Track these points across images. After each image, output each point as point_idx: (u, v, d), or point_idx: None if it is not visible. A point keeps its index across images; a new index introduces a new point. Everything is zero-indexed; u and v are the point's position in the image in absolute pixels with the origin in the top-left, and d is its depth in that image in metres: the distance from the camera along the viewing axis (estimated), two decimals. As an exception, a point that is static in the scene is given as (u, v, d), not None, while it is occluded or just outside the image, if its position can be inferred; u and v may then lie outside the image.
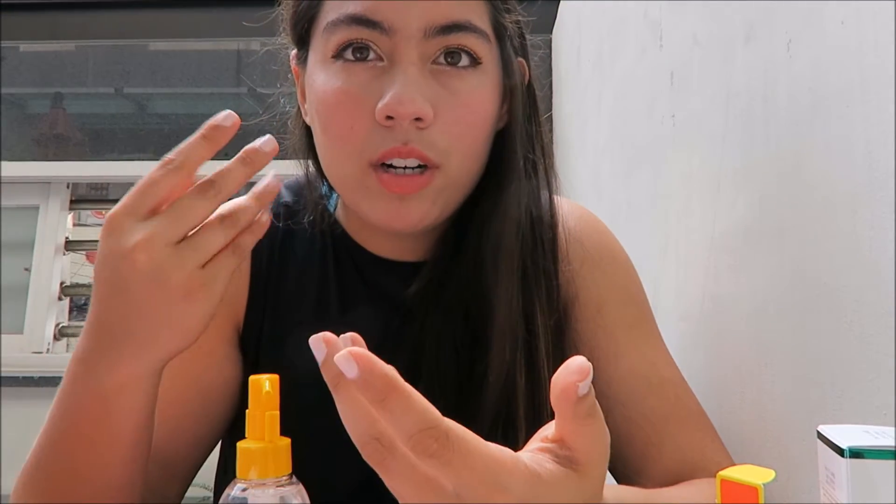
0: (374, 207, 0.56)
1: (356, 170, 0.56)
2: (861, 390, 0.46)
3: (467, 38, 0.55)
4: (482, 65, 0.56)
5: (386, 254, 0.64)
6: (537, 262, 0.60)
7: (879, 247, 0.44)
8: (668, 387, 0.61)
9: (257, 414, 0.37)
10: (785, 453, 0.57)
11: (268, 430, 0.37)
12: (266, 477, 0.37)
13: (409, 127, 0.54)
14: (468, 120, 0.56)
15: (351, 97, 0.55)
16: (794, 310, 0.56)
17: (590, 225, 0.67)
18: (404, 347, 0.60)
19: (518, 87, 0.60)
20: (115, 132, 2.60)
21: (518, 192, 0.59)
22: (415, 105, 0.53)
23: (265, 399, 0.38)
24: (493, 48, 0.58)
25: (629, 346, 0.62)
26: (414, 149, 0.54)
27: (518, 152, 0.59)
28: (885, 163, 0.44)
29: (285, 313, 0.63)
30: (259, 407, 0.37)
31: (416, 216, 0.56)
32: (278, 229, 0.64)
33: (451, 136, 0.55)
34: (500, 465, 0.33)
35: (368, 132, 0.54)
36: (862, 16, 0.47)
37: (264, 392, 0.38)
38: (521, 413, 0.56)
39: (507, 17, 0.59)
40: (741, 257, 0.67)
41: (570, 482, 0.35)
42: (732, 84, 0.70)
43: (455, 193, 0.58)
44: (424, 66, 0.55)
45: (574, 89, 1.86)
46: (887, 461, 0.29)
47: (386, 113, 0.53)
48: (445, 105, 0.55)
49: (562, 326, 0.62)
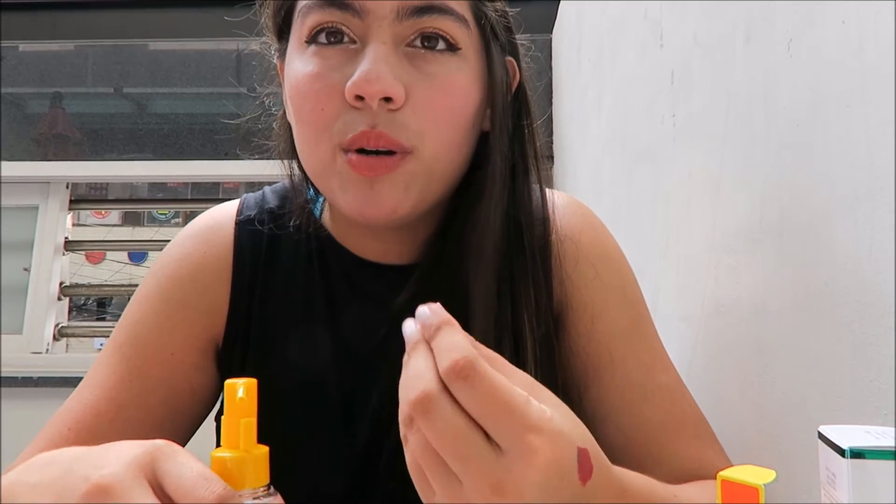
0: (346, 194, 0.54)
1: (327, 154, 0.54)
2: (861, 390, 0.46)
3: (443, 20, 0.53)
4: (461, 51, 0.55)
5: (373, 257, 0.63)
6: (526, 273, 0.58)
7: (879, 247, 0.44)
8: (664, 393, 0.59)
9: (232, 421, 0.36)
10: (785, 453, 0.57)
11: (243, 437, 0.35)
12: (241, 488, 0.35)
13: (380, 109, 0.52)
14: (444, 103, 0.54)
15: (321, 79, 0.53)
16: (794, 310, 0.56)
17: (585, 221, 0.65)
18: (393, 352, 0.60)
19: (500, 84, 0.58)
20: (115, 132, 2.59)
21: (497, 198, 0.57)
22: (382, 83, 0.51)
23: (240, 405, 0.36)
24: (474, 36, 0.56)
25: (625, 354, 0.60)
26: (383, 133, 0.52)
27: (497, 152, 0.57)
28: (885, 163, 0.44)
29: (272, 320, 0.62)
30: (234, 413, 0.36)
31: (389, 203, 0.54)
32: (263, 235, 0.64)
33: (424, 119, 0.53)
34: (519, 401, 0.35)
35: (339, 114, 0.53)
36: (862, 16, 0.47)
37: (238, 398, 0.36)
38: None
39: (490, 5, 0.57)
40: (741, 257, 0.67)
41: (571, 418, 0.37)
42: (732, 84, 0.70)
43: (430, 183, 0.55)
44: (398, 48, 0.53)
45: (574, 89, 1.86)
46: (888, 461, 0.29)
47: (354, 91, 0.51)
48: (419, 87, 0.53)
49: (554, 336, 0.61)
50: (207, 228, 0.65)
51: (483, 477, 0.34)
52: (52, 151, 2.54)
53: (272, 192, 0.68)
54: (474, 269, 0.56)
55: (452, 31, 0.54)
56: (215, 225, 0.65)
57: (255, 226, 0.64)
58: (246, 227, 0.64)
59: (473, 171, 0.59)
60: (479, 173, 0.58)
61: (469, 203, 0.58)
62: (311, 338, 0.61)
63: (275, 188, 0.68)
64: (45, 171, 2.37)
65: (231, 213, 0.66)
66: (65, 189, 2.36)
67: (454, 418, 0.35)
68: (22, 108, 2.63)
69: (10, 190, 2.32)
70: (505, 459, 0.34)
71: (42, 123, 2.56)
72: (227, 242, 0.64)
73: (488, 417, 0.35)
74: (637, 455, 0.58)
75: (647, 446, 0.58)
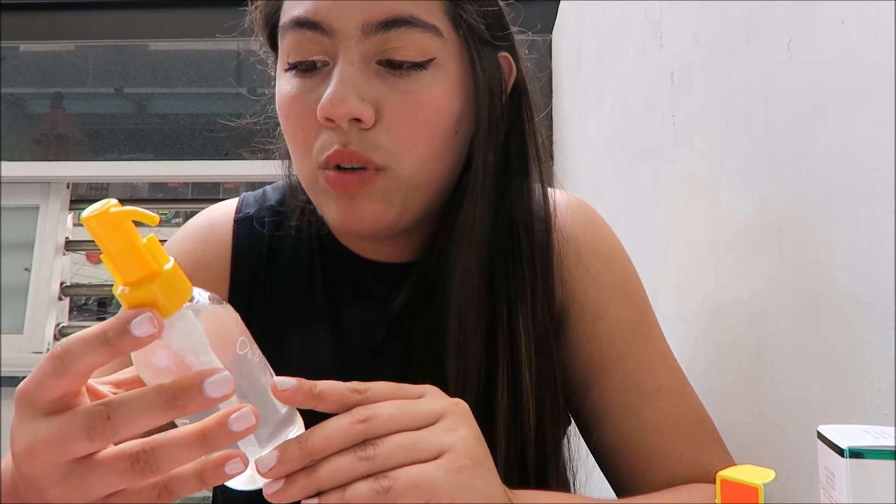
0: (329, 208, 0.56)
1: (309, 172, 0.56)
2: (861, 390, 0.46)
3: (410, 33, 0.52)
4: (435, 61, 0.53)
5: (373, 256, 0.62)
6: (522, 276, 0.58)
7: (879, 247, 0.44)
8: (663, 394, 0.59)
9: (124, 248, 0.32)
10: (785, 453, 0.57)
11: (156, 253, 0.32)
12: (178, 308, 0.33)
13: (351, 128, 0.52)
14: (419, 119, 0.53)
15: (299, 102, 0.54)
16: (794, 310, 0.56)
17: (587, 219, 0.64)
18: (393, 350, 0.60)
19: (484, 87, 0.56)
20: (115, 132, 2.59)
21: (480, 199, 0.57)
22: (347, 105, 0.51)
23: (121, 231, 0.32)
24: (451, 41, 0.55)
25: (626, 354, 0.60)
26: (354, 152, 0.52)
27: (479, 160, 0.57)
28: (885, 163, 0.44)
29: (273, 317, 0.62)
30: (123, 240, 0.32)
31: (370, 216, 0.54)
32: (264, 233, 0.64)
33: (399, 137, 0.53)
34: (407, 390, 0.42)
35: (317, 134, 0.54)
36: (862, 16, 0.47)
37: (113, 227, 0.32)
38: (501, 432, 0.54)
39: (471, 7, 0.55)
40: (741, 257, 0.67)
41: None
42: (732, 84, 0.70)
43: (414, 195, 0.55)
44: (367, 66, 0.53)
45: (574, 89, 1.86)
46: (887, 461, 0.29)
47: (322, 115, 0.52)
48: (392, 104, 0.53)
49: (556, 335, 0.60)
50: (205, 226, 0.65)
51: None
52: (52, 151, 2.54)
53: (273, 189, 0.68)
54: (457, 270, 0.56)
55: (422, 43, 0.53)
56: (214, 223, 0.65)
57: (254, 224, 0.64)
58: (245, 225, 0.64)
59: (466, 171, 0.59)
60: (464, 177, 0.58)
61: (455, 205, 0.58)
62: (311, 336, 0.61)
63: (276, 186, 0.68)
64: (46, 172, 2.37)
65: (230, 212, 0.66)
66: (65, 189, 2.36)
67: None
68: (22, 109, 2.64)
69: (11, 190, 2.32)
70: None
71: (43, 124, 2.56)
72: (226, 240, 0.64)
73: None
74: (632, 457, 0.58)
75: (642, 449, 0.57)
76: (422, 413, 0.41)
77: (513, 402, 0.56)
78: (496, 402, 0.55)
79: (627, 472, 0.58)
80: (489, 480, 0.41)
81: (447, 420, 0.41)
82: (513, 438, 0.55)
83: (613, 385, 0.59)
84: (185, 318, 0.35)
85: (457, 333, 0.55)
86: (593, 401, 0.60)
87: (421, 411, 0.41)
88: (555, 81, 2.19)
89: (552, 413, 0.58)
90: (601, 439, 0.59)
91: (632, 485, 0.58)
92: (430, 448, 0.39)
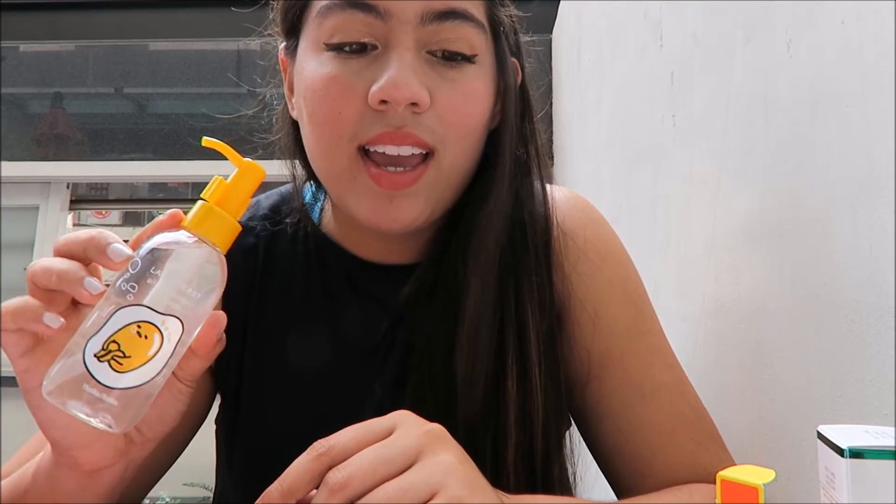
0: (361, 205, 0.55)
1: (344, 159, 0.54)
2: (861, 390, 0.46)
3: (464, 26, 0.54)
4: (478, 57, 0.55)
5: (375, 257, 0.62)
6: (529, 269, 0.58)
7: (879, 247, 0.44)
8: (662, 393, 0.58)
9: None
10: (785, 453, 0.57)
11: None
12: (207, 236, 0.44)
13: (405, 112, 0.52)
14: (465, 109, 0.55)
15: (340, 83, 0.53)
16: (794, 310, 0.56)
17: (585, 216, 0.64)
18: (395, 350, 0.60)
19: (511, 87, 0.59)
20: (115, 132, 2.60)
21: (504, 194, 0.58)
22: (410, 89, 0.51)
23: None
24: (489, 42, 0.57)
25: (625, 352, 0.59)
26: (410, 133, 0.52)
27: (507, 153, 0.58)
28: (885, 163, 0.44)
29: (271, 323, 0.62)
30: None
31: (408, 217, 0.54)
32: (259, 241, 0.63)
33: (446, 123, 0.54)
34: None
35: (359, 117, 0.53)
36: (862, 16, 0.47)
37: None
38: (511, 420, 0.54)
39: (503, 10, 0.58)
40: (741, 257, 0.67)
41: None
42: (732, 84, 0.70)
43: (446, 190, 0.56)
44: (420, 53, 0.53)
45: (574, 89, 1.86)
46: (887, 461, 0.29)
47: (380, 97, 0.51)
48: (442, 92, 0.53)
49: (555, 331, 0.60)
50: None
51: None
52: (52, 152, 2.54)
53: (266, 198, 0.67)
54: (475, 267, 0.56)
55: (472, 37, 0.54)
56: None
57: (246, 234, 0.63)
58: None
59: (479, 172, 0.59)
60: (485, 174, 0.59)
61: (475, 203, 0.58)
62: (311, 337, 0.61)
63: (269, 195, 0.68)
64: (46, 172, 2.37)
65: None
66: (65, 189, 2.36)
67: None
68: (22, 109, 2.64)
69: (11, 190, 2.33)
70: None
71: (43, 124, 2.56)
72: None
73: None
74: (631, 457, 0.58)
75: (641, 449, 0.57)
76: (398, 456, 0.40)
77: (522, 392, 0.56)
78: (507, 392, 0.55)
79: (627, 471, 0.58)
80: (485, 496, 0.41)
81: (427, 455, 0.40)
82: (522, 428, 0.55)
83: (613, 384, 0.59)
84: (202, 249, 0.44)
85: (470, 327, 0.55)
86: (592, 397, 0.60)
87: (397, 455, 0.40)
88: (555, 82, 2.19)
89: (557, 405, 0.58)
90: (600, 437, 0.59)
91: (631, 485, 0.58)
92: (421, 492, 0.39)
